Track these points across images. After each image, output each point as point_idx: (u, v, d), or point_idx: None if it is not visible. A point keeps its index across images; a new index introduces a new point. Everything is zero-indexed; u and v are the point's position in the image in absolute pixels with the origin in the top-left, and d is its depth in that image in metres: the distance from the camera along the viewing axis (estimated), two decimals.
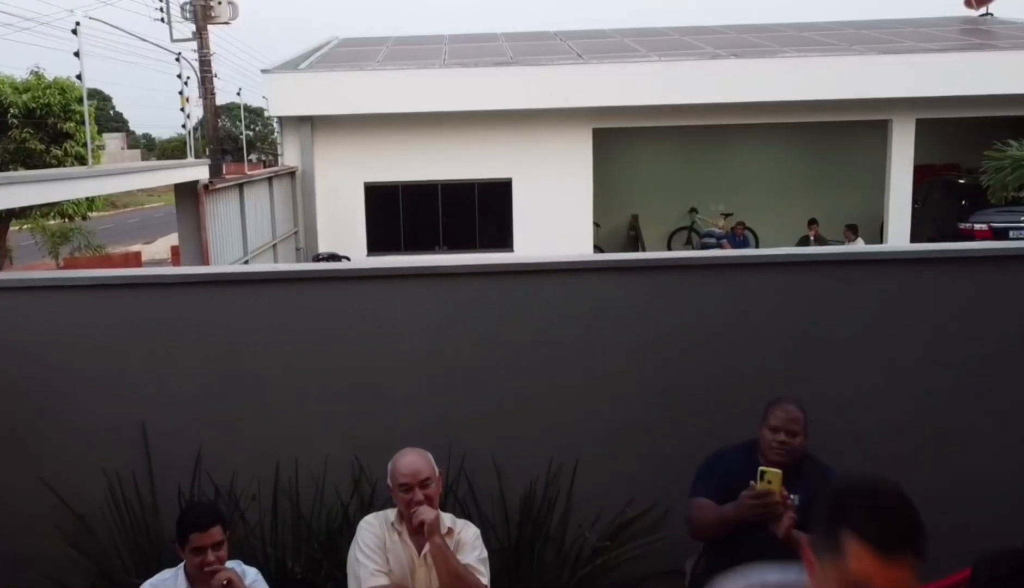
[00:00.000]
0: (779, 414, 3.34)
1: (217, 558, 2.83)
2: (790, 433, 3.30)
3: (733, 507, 3.22)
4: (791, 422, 3.31)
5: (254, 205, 13.43)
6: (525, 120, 15.84)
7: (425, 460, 3.13)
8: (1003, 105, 15.75)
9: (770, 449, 3.31)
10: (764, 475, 3.15)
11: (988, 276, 3.80)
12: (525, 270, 3.79)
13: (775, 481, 3.13)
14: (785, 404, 3.37)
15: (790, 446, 3.30)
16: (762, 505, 3.12)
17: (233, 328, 3.73)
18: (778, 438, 3.31)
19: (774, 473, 3.14)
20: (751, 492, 3.15)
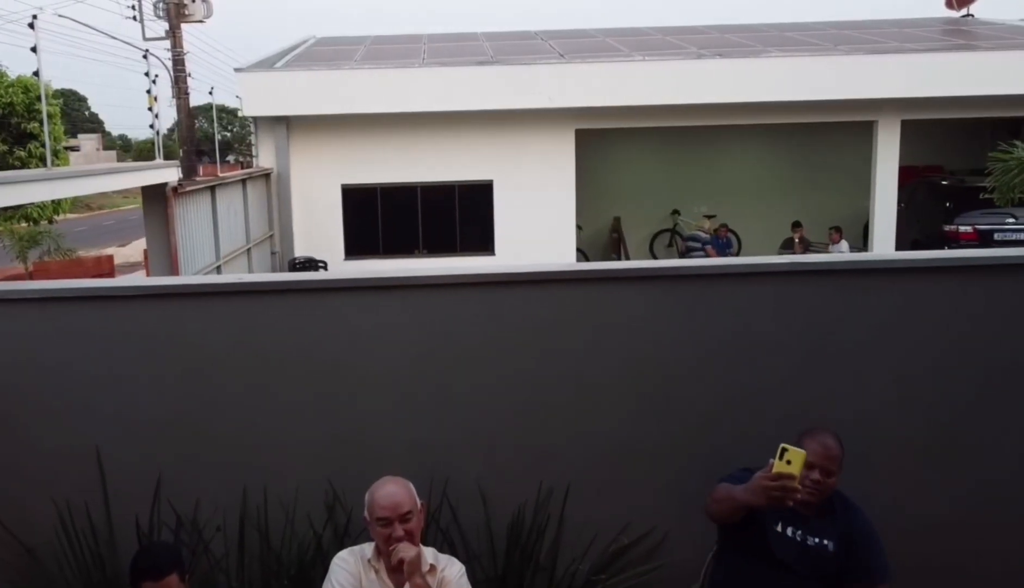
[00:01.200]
0: (816, 448, 2.96)
1: None
2: (826, 472, 2.97)
3: (744, 488, 2.85)
4: (828, 460, 2.97)
5: (227, 208, 13.08)
6: (506, 121, 15.61)
7: (406, 491, 2.87)
8: (986, 106, 15.72)
9: (801, 487, 2.88)
10: (784, 454, 2.75)
11: (1001, 285, 3.58)
12: (512, 280, 3.53)
13: (796, 462, 2.73)
14: (823, 437, 3.01)
15: (823, 486, 2.97)
16: (779, 488, 2.74)
17: (196, 344, 3.44)
18: (812, 477, 2.94)
19: (797, 452, 2.74)
20: (767, 472, 2.77)
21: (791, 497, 2.77)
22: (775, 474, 2.76)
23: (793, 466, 2.74)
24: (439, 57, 16.85)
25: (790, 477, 2.74)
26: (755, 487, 2.80)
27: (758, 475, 2.81)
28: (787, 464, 2.75)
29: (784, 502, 2.78)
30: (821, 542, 2.99)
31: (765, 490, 2.76)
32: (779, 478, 2.75)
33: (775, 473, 2.76)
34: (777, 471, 2.76)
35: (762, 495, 2.78)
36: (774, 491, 2.75)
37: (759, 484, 2.78)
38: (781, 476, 2.75)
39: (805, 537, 3.00)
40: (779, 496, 2.76)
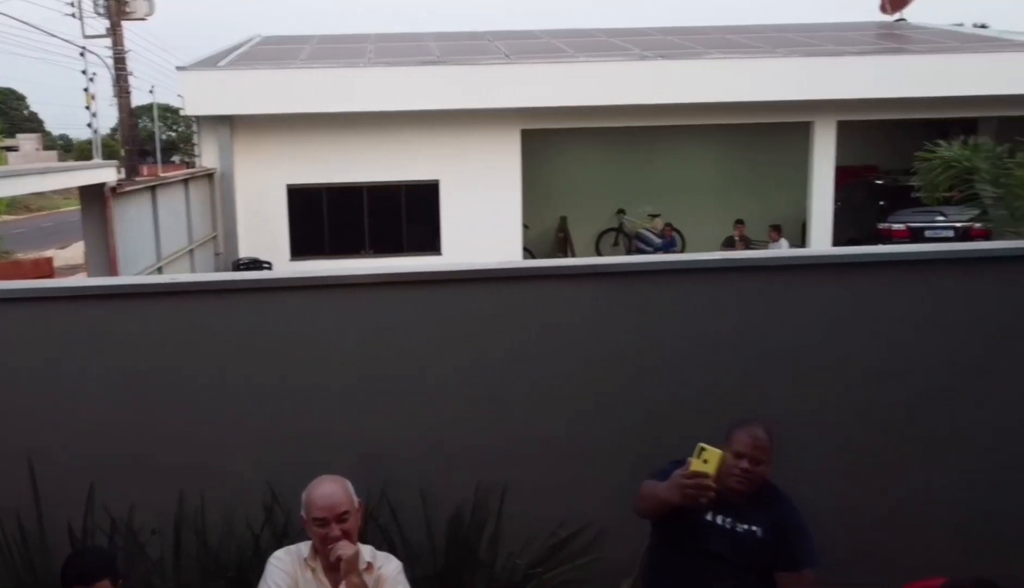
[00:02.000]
0: (745, 439, 3.09)
1: None
2: (755, 461, 3.08)
3: (665, 486, 2.99)
4: (758, 449, 3.08)
5: (168, 209, 12.87)
6: (452, 121, 15.60)
7: (343, 491, 2.88)
8: (918, 108, 16.17)
9: (731, 476, 3.06)
10: (702, 453, 2.88)
11: (942, 281, 3.68)
12: (456, 278, 3.56)
13: (712, 460, 2.87)
14: (753, 428, 3.13)
15: (753, 474, 3.08)
16: (694, 486, 2.88)
17: (131, 346, 3.40)
18: (741, 465, 3.07)
19: (713, 452, 2.89)
20: (685, 471, 2.90)
21: (706, 495, 2.89)
22: (691, 473, 2.88)
23: (709, 465, 2.87)
24: (386, 57, 16.78)
25: (705, 475, 2.86)
26: (672, 485, 2.93)
27: (676, 473, 2.93)
28: (704, 463, 2.87)
29: (698, 500, 2.91)
30: (750, 529, 3.09)
31: (681, 488, 2.90)
32: (695, 476, 2.88)
33: (691, 472, 2.89)
34: (694, 469, 2.88)
35: (678, 493, 2.91)
36: (689, 489, 2.89)
37: (676, 482, 2.91)
38: (697, 474, 2.88)
39: (735, 524, 3.11)
40: (693, 494, 2.89)
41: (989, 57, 16.40)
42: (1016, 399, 3.72)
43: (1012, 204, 5.49)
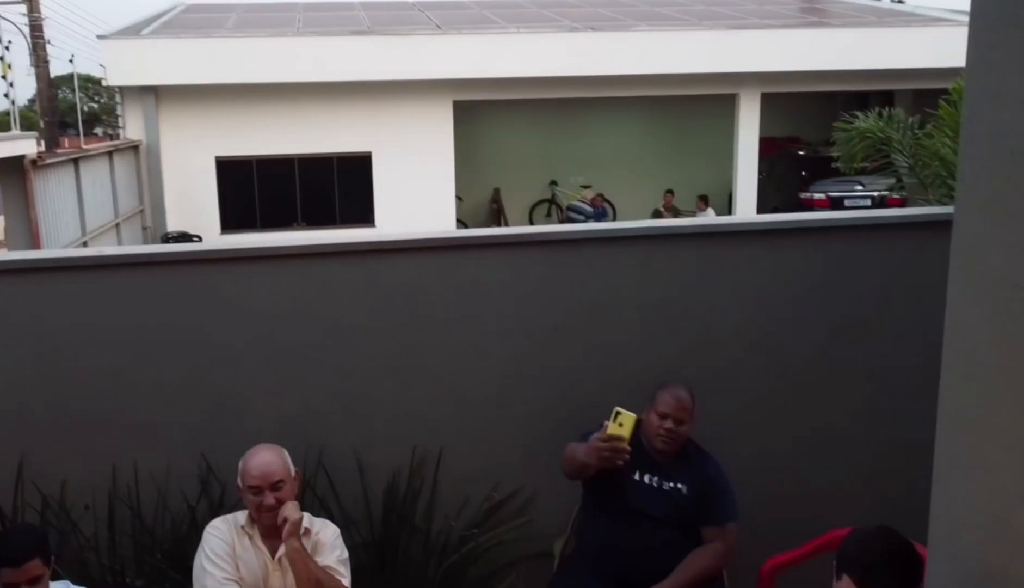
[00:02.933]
0: (668, 400, 3.25)
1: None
2: (678, 421, 3.23)
3: (583, 450, 3.11)
4: (680, 410, 3.23)
5: (92, 182, 12.52)
6: (383, 92, 15.47)
7: (279, 459, 2.92)
8: (839, 80, 16.62)
9: (656, 436, 3.23)
10: (617, 416, 2.99)
11: (838, 246, 3.87)
12: (384, 249, 3.58)
13: (627, 424, 2.98)
14: (675, 390, 3.28)
15: (676, 434, 3.23)
16: (609, 449, 3.00)
17: (56, 320, 3.35)
18: (665, 425, 3.22)
19: (628, 416, 2.99)
20: (600, 435, 3.01)
21: (620, 457, 3.01)
22: (606, 436, 3.00)
23: (624, 429, 2.98)
24: (315, 26, 16.52)
25: (620, 439, 2.97)
26: (589, 449, 3.05)
27: (593, 437, 3.05)
28: (619, 426, 2.98)
29: (614, 462, 3.03)
30: (676, 486, 3.24)
31: (597, 451, 3.02)
32: (610, 440, 2.99)
33: (607, 435, 3.00)
34: (609, 433, 2.99)
35: (595, 456, 3.03)
36: (604, 452, 3.00)
37: (592, 446, 3.03)
38: (612, 438, 2.99)
39: (661, 483, 3.25)
40: (609, 457, 3.01)
41: (905, 32, 16.92)
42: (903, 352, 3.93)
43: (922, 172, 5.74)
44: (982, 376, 2.07)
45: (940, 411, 2.23)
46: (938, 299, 3.82)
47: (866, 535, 2.12)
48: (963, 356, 2.12)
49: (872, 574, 2.04)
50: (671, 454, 3.27)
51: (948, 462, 2.25)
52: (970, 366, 2.10)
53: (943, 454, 2.26)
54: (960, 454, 2.19)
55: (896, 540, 2.09)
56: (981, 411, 2.08)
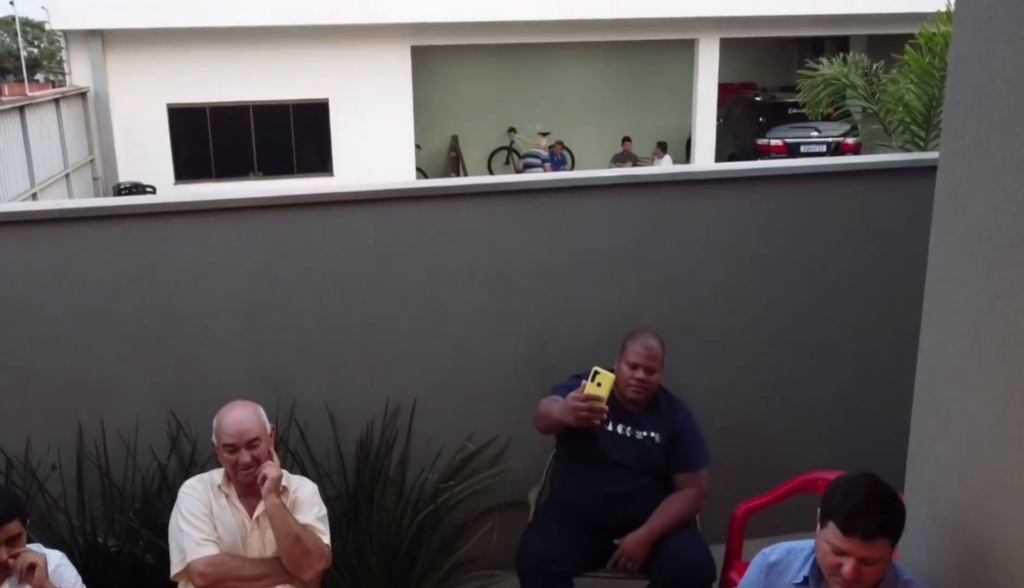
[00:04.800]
0: (638, 349, 3.25)
1: (11, 555, 2.46)
2: (648, 370, 3.23)
3: (559, 408, 3.11)
4: (650, 359, 3.23)
5: (39, 131, 12.09)
6: (341, 37, 15.09)
7: (254, 416, 2.86)
8: (796, 25, 16.59)
9: (628, 386, 3.23)
10: (595, 376, 2.99)
11: (811, 193, 3.88)
12: (352, 200, 3.51)
13: (606, 384, 2.99)
14: (645, 338, 3.28)
15: (647, 383, 3.24)
16: (587, 408, 3.01)
17: (12, 277, 3.25)
18: (636, 375, 3.23)
19: (606, 376, 3.00)
20: (578, 394, 3.02)
21: (598, 417, 3.02)
22: (584, 396, 2.99)
23: (603, 388, 2.98)
24: None
25: (598, 399, 2.98)
26: (566, 407, 3.05)
27: (570, 396, 3.04)
28: (597, 386, 2.98)
29: (591, 422, 3.03)
30: (649, 435, 3.26)
31: (574, 411, 3.02)
32: (588, 399, 2.99)
33: (584, 395, 3.00)
34: (587, 393, 2.99)
35: (572, 415, 3.03)
36: (582, 412, 3.01)
37: (569, 405, 3.03)
38: (590, 397, 2.99)
39: (634, 432, 3.27)
40: (586, 416, 3.02)
41: None
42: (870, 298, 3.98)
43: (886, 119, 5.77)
44: (962, 323, 2.09)
45: (920, 357, 2.26)
46: (906, 245, 3.91)
47: (849, 481, 2.14)
48: (944, 303, 2.14)
49: (855, 519, 2.06)
50: (643, 403, 3.29)
51: (926, 407, 2.29)
52: (951, 312, 2.13)
53: (921, 399, 2.30)
54: (938, 399, 2.22)
55: (879, 486, 2.12)
56: (960, 357, 2.11)
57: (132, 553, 3.22)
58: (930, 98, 5.30)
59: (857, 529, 2.06)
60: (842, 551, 2.09)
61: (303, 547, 2.73)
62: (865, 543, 2.06)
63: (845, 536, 2.07)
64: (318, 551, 2.78)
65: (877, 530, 2.06)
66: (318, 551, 2.78)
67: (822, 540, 2.15)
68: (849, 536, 2.07)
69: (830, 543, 2.11)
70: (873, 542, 2.06)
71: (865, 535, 2.06)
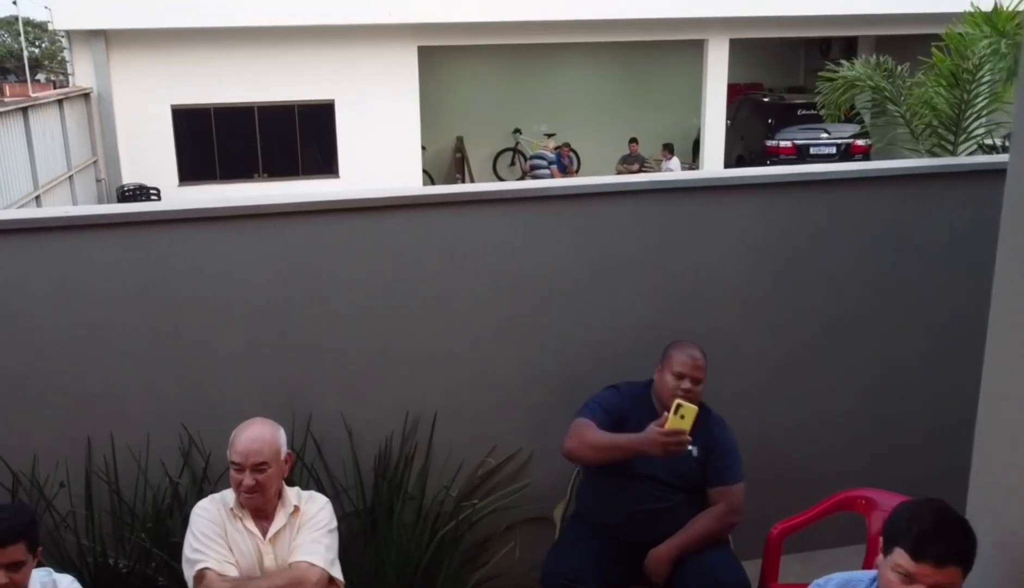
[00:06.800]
0: (684, 359, 3.13)
1: (11, 581, 2.30)
2: (695, 380, 3.12)
3: (635, 438, 3.00)
4: (696, 369, 3.12)
5: (43, 132, 11.97)
6: (346, 37, 14.96)
7: (269, 439, 2.72)
8: (806, 26, 16.45)
9: (672, 398, 3.05)
10: (679, 409, 2.92)
11: (838, 199, 3.75)
12: (371, 206, 3.39)
13: (689, 417, 2.91)
14: (689, 349, 3.17)
15: (695, 394, 3.11)
16: (674, 443, 2.92)
17: (19, 287, 3.12)
18: (683, 385, 3.10)
19: (690, 408, 2.91)
20: (664, 428, 2.92)
21: (683, 449, 2.96)
22: (671, 430, 2.92)
23: (686, 421, 2.92)
24: None
25: (683, 432, 2.92)
26: (650, 441, 2.95)
27: (653, 429, 2.95)
28: (680, 419, 2.92)
29: (679, 453, 2.97)
30: (687, 448, 3.14)
31: (663, 445, 2.93)
32: (675, 433, 2.92)
33: (671, 429, 2.92)
34: (671, 427, 2.92)
35: (659, 448, 2.94)
36: (671, 446, 2.93)
37: (655, 439, 2.94)
38: (675, 432, 2.92)
39: None
40: (675, 450, 2.94)
41: None
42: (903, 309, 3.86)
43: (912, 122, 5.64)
44: None
45: (984, 378, 2.14)
46: (942, 254, 3.78)
47: (916, 506, 2.03)
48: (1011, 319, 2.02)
49: (927, 543, 1.95)
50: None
51: (991, 431, 2.17)
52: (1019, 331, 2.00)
53: (986, 423, 2.18)
54: (1005, 423, 2.10)
55: (950, 511, 2.01)
56: None
57: (143, 574, 3.09)
58: (959, 101, 5.19)
59: (928, 554, 1.95)
60: (912, 577, 1.97)
61: None
62: (937, 569, 1.95)
63: (915, 561, 1.96)
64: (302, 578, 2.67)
65: (949, 556, 1.95)
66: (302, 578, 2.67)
67: (887, 568, 2.02)
68: (920, 561, 1.96)
69: (898, 570, 1.99)
70: (945, 568, 1.95)
71: (937, 560, 1.94)
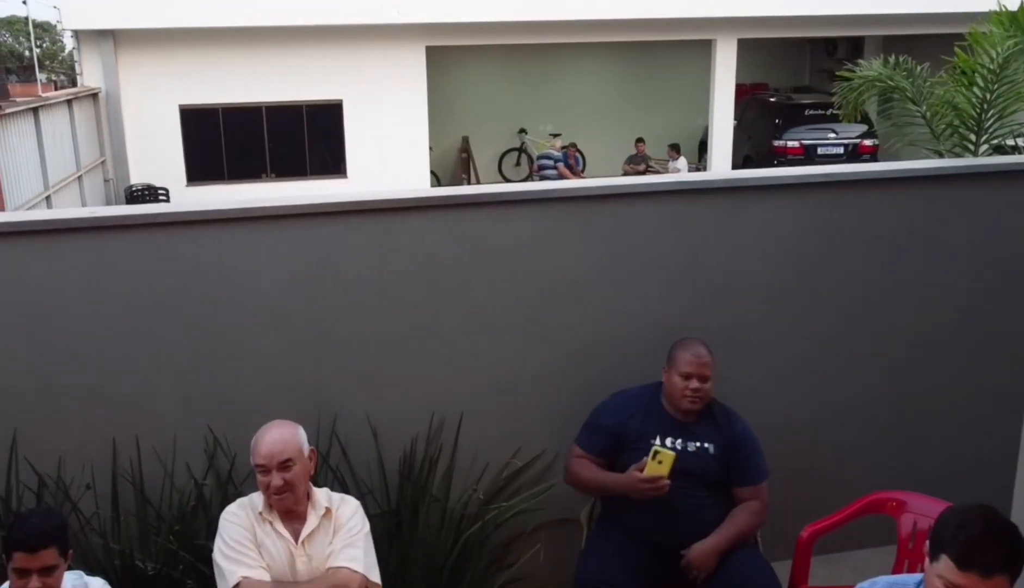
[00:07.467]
0: (689, 358, 3.14)
1: (44, 585, 2.29)
2: (702, 378, 3.13)
3: (619, 481, 3.09)
4: (703, 367, 3.13)
5: (53, 132, 11.95)
6: (355, 37, 14.93)
7: (291, 437, 2.71)
8: (814, 26, 16.40)
9: (683, 398, 3.12)
10: (656, 455, 2.97)
11: (865, 201, 3.72)
12: (396, 207, 3.36)
13: (667, 463, 2.96)
14: (694, 347, 3.18)
15: (702, 391, 3.13)
16: (652, 489, 2.98)
17: (45, 287, 3.10)
18: (691, 386, 3.12)
19: (667, 454, 2.96)
20: (642, 476, 2.99)
21: (663, 493, 2.99)
22: (649, 477, 2.98)
23: (664, 466, 2.96)
24: None
25: (661, 477, 2.96)
26: (629, 486, 3.04)
27: (633, 473, 3.02)
28: (659, 464, 2.96)
29: (659, 495, 3.00)
30: (702, 446, 3.16)
31: (640, 491, 3.01)
32: (652, 480, 2.97)
33: (649, 476, 2.97)
34: (649, 473, 2.97)
35: (637, 494, 3.02)
36: (648, 492, 2.99)
37: (634, 485, 3.02)
38: (652, 479, 2.97)
39: (686, 444, 3.16)
40: (652, 496, 3.00)
41: None
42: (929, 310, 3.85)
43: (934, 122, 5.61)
44: None
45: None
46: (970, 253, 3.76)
47: (964, 512, 1.99)
48: None
49: (973, 552, 1.91)
50: (697, 413, 3.17)
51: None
52: None
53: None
54: None
55: (997, 517, 1.98)
56: None
57: (170, 577, 3.07)
58: (981, 101, 5.15)
59: (975, 563, 1.91)
60: (958, 586, 1.93)
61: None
62: (983, 578, 1.91)
63: (961, 571, 1.92)
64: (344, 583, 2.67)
65: (997, 565, 1.91)
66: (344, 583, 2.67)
67: (933, 575, 1.99)
68: (966, 571, 1.92)
69: (944, 578, 1.95)
70: (992, 578, 1.91)
71: (984, 570, 1.91)
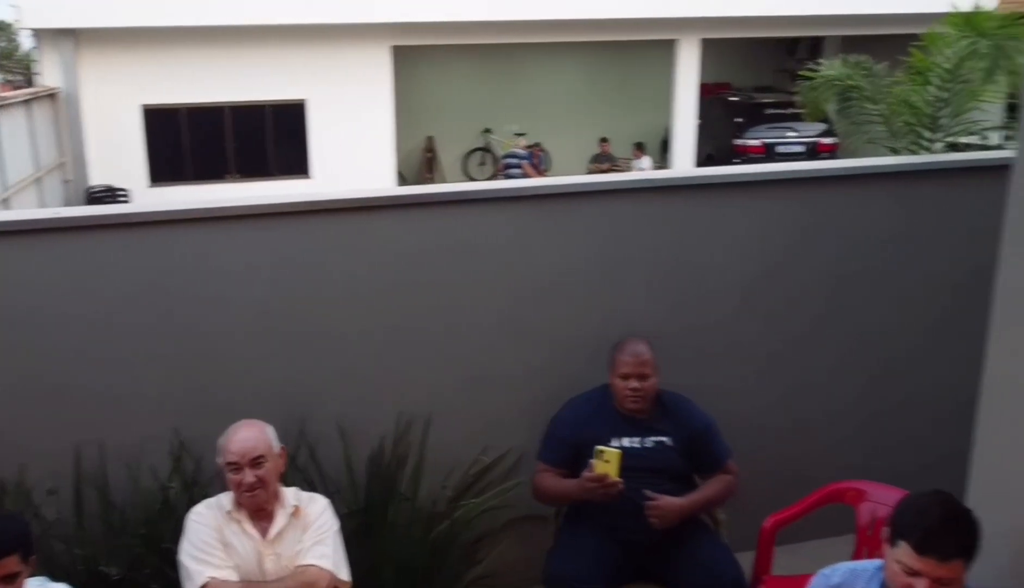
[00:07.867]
0: (627, 359, 3.18)
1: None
2: (641, 377, 3.16)
3: (574, 485, 3.10)
4: (641, 366, 3.16)
5: (10, 133, 11.73)
6: (319, 36, 14.84)
7: (261, 435, 2.73)
8: (775, 26, 16.60)
9: (625, 398, 3.17)
10: (602, 454, 2.99)
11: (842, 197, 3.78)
12: (367, 206, 3.36)
13: (613, 461, 2.98)
14: (632, 346, 3.21)
15: (644, 391, 3.16)
16: (601, 487, 2.99)
17: (9, 289, 3.06)
18: (630, 386, 3.16)
19: (612, 453, 2.98)
20: (590, 475, 3.00)
21: (614, 490, 2.98)
22: (596, 476, 2.98)
23: (611, 465, 2.97)
24: None
25: (606, 476, 2.97)
26: (581, 489, 3.04)
27: (584, 476, 3.02)
28: (605, 463, 2.98)
29: (609, 498, 3.00)
30: (659, 440, 3.20)
31: (590, 492, 3.01)
32: (600, 479, 2.97)
33: (596, 475, 2.98)
34: (598, 473, 2.97)
35: (589, 495, 3.03)
36: (599, 493, 2.99)
37: (584, 487, 3.02)
38: (601, 477, 2.97)
39: (643, 440, 3.20)
40: (603, 495, 3.00)
41: None
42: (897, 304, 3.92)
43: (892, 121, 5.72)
44: None
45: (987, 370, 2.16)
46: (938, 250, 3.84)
47: (922, 499, 2.04)
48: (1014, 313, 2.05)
49: (931, 538, 1.97)
50: (644, 411, 3.21)
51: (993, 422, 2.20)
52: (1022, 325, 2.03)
53: (989, 414, 2.20)
54: (1008, 414, 2.13)
55: (954, 504, 2.03)
56: None
57: (136, 581, 3.04)
58: (936, 100, 5.27)
59: (933, 549, 1.97)
60: (916, 571, 1.99)
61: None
62: (941, 563, 1.97)
63: (920, 556, 1.98)
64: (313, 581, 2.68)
65: (954, 550, 1.97)
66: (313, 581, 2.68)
67: (893, 560, 2.05)
68: (924, 556, 1.98)
69: (903, 563, 2.01)
70: (949, 562, 1.97)
71: (941, 555, 1.97)
